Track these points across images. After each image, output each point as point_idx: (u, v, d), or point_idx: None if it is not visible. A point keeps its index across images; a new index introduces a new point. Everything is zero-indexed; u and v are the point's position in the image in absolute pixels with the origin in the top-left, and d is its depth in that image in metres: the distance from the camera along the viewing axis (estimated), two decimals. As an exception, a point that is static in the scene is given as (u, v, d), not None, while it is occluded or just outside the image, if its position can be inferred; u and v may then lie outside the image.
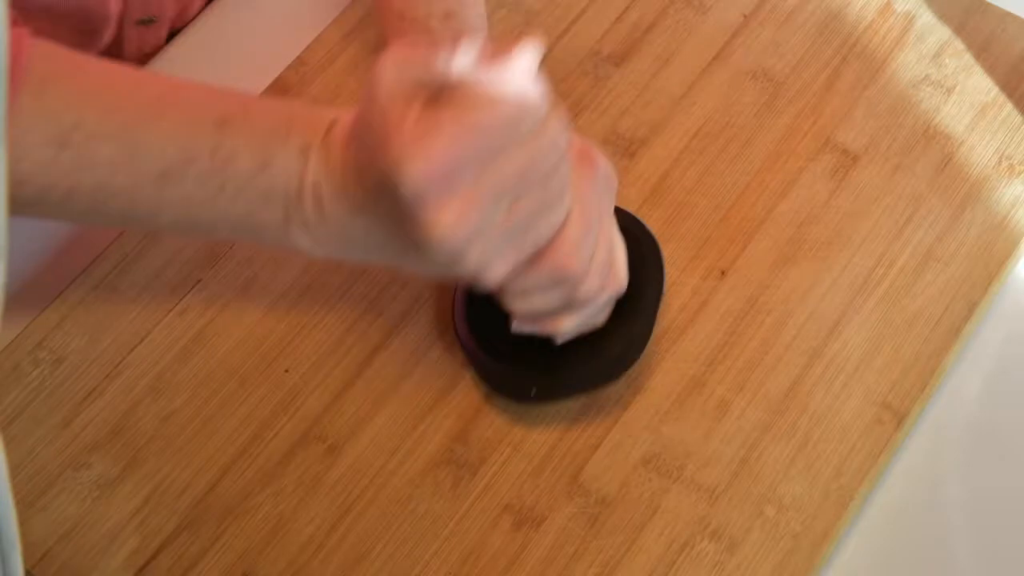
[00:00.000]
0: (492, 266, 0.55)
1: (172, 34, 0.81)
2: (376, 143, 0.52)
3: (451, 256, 0.53)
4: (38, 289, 0.71)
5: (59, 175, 0.56)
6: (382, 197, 0.54)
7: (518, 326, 0.62)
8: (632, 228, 0.66)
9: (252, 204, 0.57)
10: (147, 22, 0.78)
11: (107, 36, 0.76)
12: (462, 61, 0.52)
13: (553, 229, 0.57)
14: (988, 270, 0.70)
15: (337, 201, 0.56)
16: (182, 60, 0.79)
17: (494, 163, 0.53)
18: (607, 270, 0.61)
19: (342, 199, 0.56)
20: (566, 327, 0.62)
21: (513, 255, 0.56)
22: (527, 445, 0.66)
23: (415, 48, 0.54)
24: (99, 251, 0.71)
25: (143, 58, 0.79)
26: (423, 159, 0.51)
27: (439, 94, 0.52)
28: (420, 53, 0.53)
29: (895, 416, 0.66)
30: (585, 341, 0.64)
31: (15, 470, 0.65)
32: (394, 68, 0.53)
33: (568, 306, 0.60)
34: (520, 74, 0.53)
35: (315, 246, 0.58)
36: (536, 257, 0.57)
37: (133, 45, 0.79)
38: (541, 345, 0.64)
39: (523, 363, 0.65)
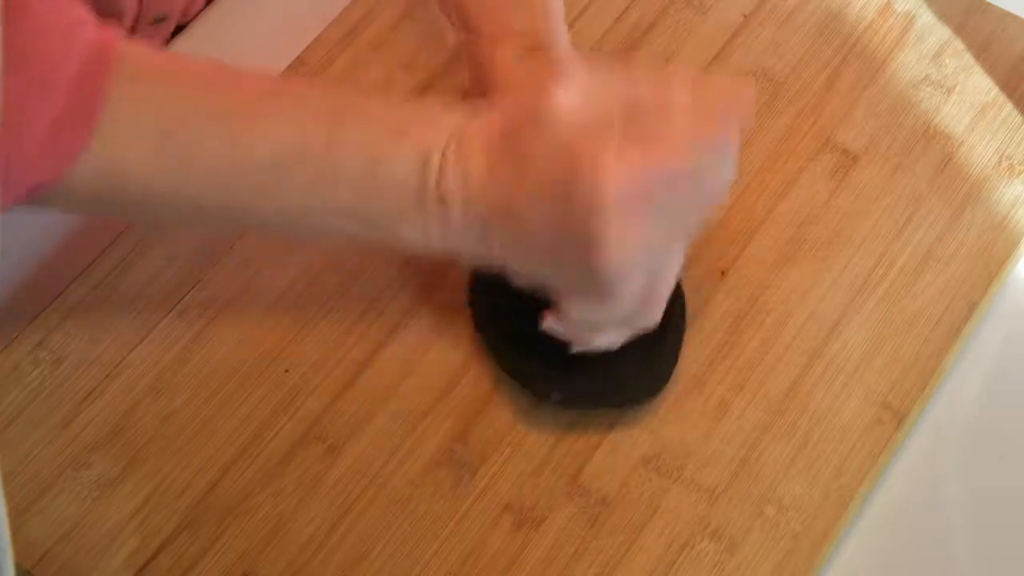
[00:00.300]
0: (628, 286, 0.57)
1: (175, 31, 0.81)
2: (571, 151, 0.54)
3: (606, 275, 0.55)
4: (38, 289, 0.71)
5: (162, 170, 0.55)
6: (546, 209, 0.55)
7: (550, 325, 0.61)
8: None
9: (362, 204, 0.57)
10: (160, 20, 0.78)
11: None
12: (677, 98, 0.55)
13: (672, 259, 0.59)
14: (988, 270, 0.70)
15: (473, 208, 0.56)
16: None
17: (676, 197, 0.56)
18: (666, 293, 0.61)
19: (481, 207, 0.56)
20: (601, 343, 0.62)
21: (642, 277, 0.58)
22: (527, 445, 0.66)
23: (606, 65, 0.56)
24: (99, 251, 0.71)
25: None
26: (624, 180, 0.53)
27: (635, 120, 0.54)
28: (630, 73, 0.56)
29: (895, 416, 0.66)
30: (608, 357, 0.63)
31: (14, 471, 0.65)
32: (588, 82, 0.55)
33: (617, 323, 0.61)
34: (730, 128, 0.56)
35: (430, 243, 0.58)
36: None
37: None
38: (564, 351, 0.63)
39: (553, 366, 0.64)
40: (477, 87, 0.67)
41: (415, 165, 0.56)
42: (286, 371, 0.68)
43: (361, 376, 0.68)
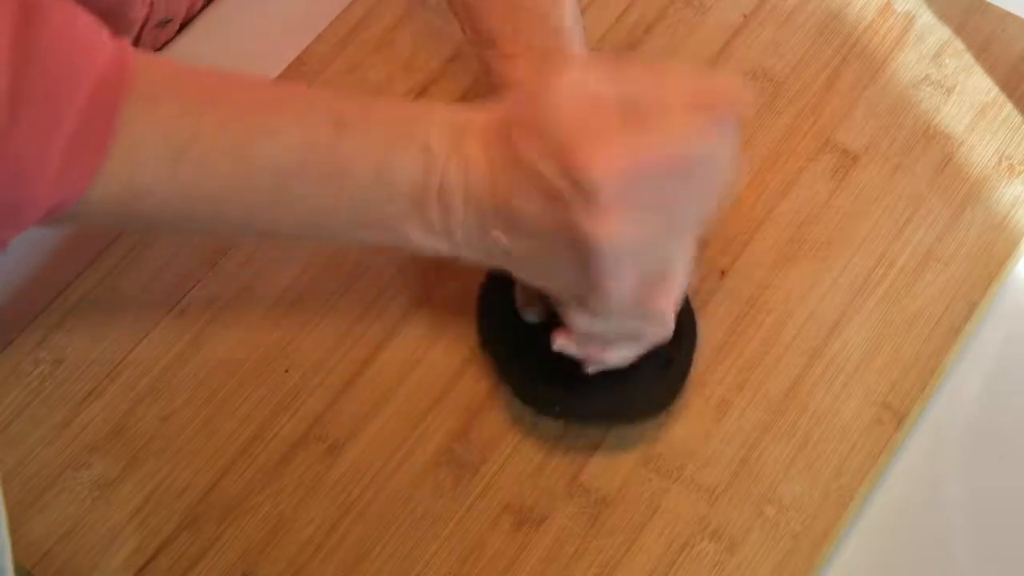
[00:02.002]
0: (621, 280, 0.57)
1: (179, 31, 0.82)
2: (565, 144, 0.54)
3: (600, 262, 0.55)
4: (38, 289, 0.71)
5: (177, 186, 0.55)
6: (542, 200, 0.55)
7: (562, 345, 0.61)
8: None
9: (371, 204, 0.57)
10: (165, 23, 0.78)
11: (129, 38, 0.76)
12: (674, 91, 0.56)
13: (674, 261, 0.59)
14: (988, 270, 0.70)
15: (474, 205, 0.57)
16: (183, 60, 0.79)
17: (673, 190, 0.56)
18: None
19: (481, 202, 0.56)
20: (613, 358, 0.62)
21: (637, 273, 0.57)
22: (527, 445, 0.66)
23: (605, 64, 0.56)
24: (99, 251, 0.71)
25: None
26: (617, 168, 0.54)
27: (633, 114, 0.55)
28: (628, 70, 0.56)
29: (895, 416, 0.66)
30: (613, 375, 0.63)
31: (15, 470, 0.65)
32: (585, 79, 0.55)
33: (627, 338, 0.61)
34: (728, 124, 0.57)
35: (435, 245, 0.58)
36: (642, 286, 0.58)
37: (148, 45, 0.79)
38: (568, 365, 0.63)
39: (551, 379, 0.65)
40: (495, 97, 0.67)
41: (419, 164, 0.56)
42: (286, 371, 0.68)
43: (361, 376, 0.68)
